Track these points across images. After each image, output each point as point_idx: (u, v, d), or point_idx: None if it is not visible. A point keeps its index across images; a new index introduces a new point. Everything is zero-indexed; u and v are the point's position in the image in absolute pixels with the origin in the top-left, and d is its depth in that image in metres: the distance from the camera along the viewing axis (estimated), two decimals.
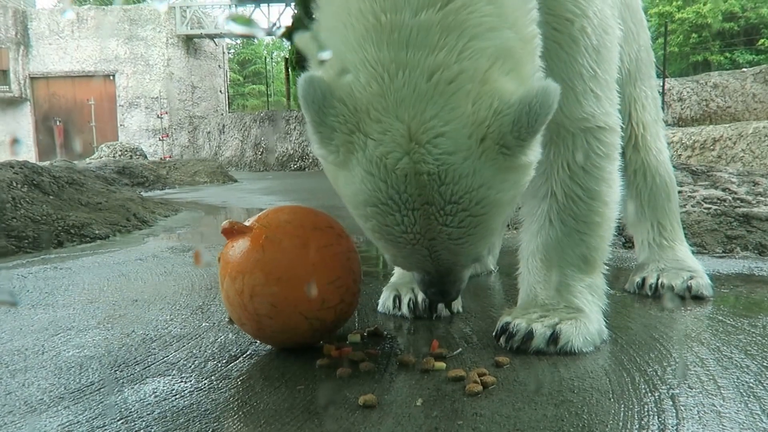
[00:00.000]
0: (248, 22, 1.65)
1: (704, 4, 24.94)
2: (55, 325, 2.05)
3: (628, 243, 3.24)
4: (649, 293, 2.29)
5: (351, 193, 1.36)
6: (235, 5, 26.65)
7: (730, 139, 9.13)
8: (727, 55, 25.22)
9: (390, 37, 1.24)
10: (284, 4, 25.71)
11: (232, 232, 1.70)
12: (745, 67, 15.74)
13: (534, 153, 1.36)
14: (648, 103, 2.41)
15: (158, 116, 26.07)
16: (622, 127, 1.84)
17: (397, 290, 2.10)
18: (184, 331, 1.96)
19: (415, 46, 1.23)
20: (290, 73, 22.00)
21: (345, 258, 1.71)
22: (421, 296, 2.04)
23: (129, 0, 32.09)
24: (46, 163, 8.11)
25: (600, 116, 1.73)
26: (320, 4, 1.44)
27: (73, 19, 26.33)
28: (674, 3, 25.45)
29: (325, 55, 1.35)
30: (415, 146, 1.23)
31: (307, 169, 19.20)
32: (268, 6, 26.24)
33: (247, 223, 1.70)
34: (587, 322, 1.71)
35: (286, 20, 25.33)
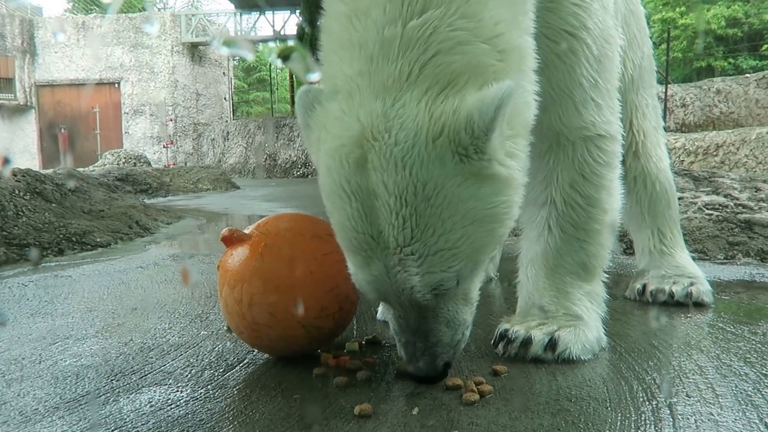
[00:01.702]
0: (235, 44, 1.72)
1: (708, 10, 24.87)
2: (53, 334, 2.05)
3: (629, 249, 3.22)
4: (650, 300, 2.28)
5: (321, 188, 1.41)
6: (240, 13, 26.79)
7: (733, 144, 9.07)
8: (731, 60, 25.07)
9: (360, 52, 1.32)
10: (289, 11, 25.83)
11: (232, 239, 1.70)
12: (749, 73, 15.65)
13: (509, 165, 1.31)
14: (648, 111, 2.40)
15: (163, 123, 26.18)
16: (622, 135, 1.84)
17: None
18: (182, 339, 1.96)
19: (378, 59, 1.30)
20: (294, 80, 22.08)
21: (344, 266, 1.70)
22: None
23: (133, 8, 32.29)
24: (50, 171, 8.15)
25: (600, 125, 1.72)
26: (326, 27, 1.49)
27: (78, 27, 26.49)
28: (677, 9, 25.38)
29: (314, 77, 1.48)
30: (366, 140, 1.27)
31: (310, 176, 19.22)
32: (273, 13, 26.36)
33: (246, 231, 1.70)
34: (586, 330, 1.70)
35: (291, 28, 25.40)
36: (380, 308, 2.13)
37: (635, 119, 2.35)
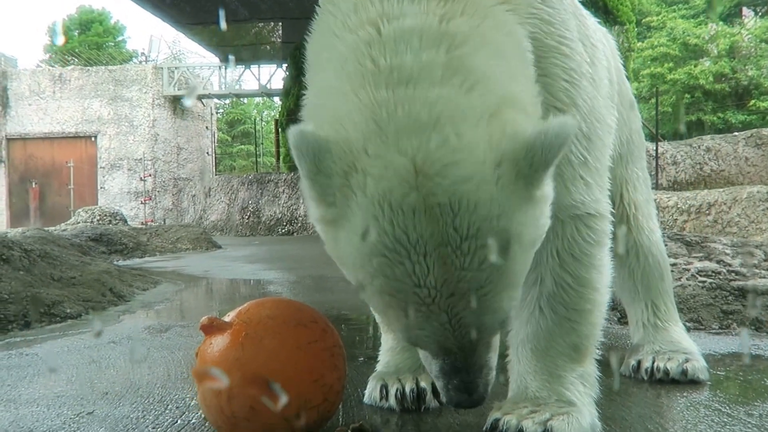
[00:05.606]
0: None
1: (695, 66, 25.53)
2: (16, 427, 1.91)
3: (623, 318, 3.19)
4: (645, 377, 2.24)
5: (353, 249, 1.21)
6: (225, 66, 26.95)
7: (725, 203, 9.15)
8: (720, 115, 25.54)
9: (389, 77, 1.20)
10: (275, 65, 26.03)
11: (211, 328, 1.62)
12: (738, 128, 15.82)
13: (549, 187, 1.31)
14: (639, 184, 2.44)
15: (141, 179, 25.85)
16: (612, 213, 1.82)
17: (384, 380, 2.01)
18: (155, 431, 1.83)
19: (416, 82, 1.19)
20: (280, 134, 22.10)
21: (329, 354, 1.64)
22: (408, 386, 1.96)
23: (113, 61, 32.30)
24: (19, 230, 7.90)
25: (590, 203, 1.70)
26: (312, 64, 1.45)
27: (55, 80, 26.19)
28: (665, 65, 26.03)
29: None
30: (422, 179, 1.13)
31: (295, 234, 18.95)
32: (259, 67, 26.57)
33: (227, 319, 1.64)
34: (579, 417, 1.63)
35: (277, 82, 25.50)
36: (367, 392, 2.04)
37: (626, 192, 2.38)
